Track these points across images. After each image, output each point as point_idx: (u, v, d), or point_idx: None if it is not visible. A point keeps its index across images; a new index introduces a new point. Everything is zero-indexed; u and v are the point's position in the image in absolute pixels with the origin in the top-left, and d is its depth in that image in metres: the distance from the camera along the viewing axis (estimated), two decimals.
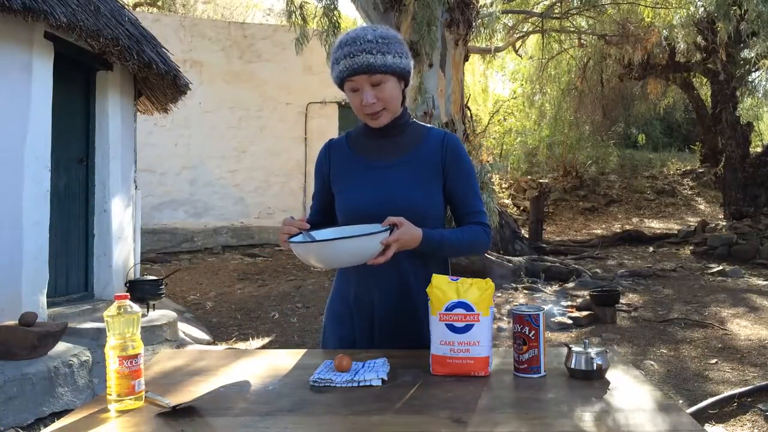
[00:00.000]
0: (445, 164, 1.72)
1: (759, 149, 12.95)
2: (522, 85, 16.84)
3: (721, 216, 12.40)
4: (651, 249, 10.78)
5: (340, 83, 1.69)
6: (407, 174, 1.71)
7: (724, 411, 3.68)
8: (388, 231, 1.56)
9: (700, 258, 9.67)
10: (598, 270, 8.64)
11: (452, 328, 1.47)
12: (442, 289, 1.50)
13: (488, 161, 12.64)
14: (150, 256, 9.06)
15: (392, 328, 1.71)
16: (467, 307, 1.47)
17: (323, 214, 1.86)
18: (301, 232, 1.60)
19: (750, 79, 13.56)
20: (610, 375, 1.45)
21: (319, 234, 1.62)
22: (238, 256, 9.89)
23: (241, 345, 5.43)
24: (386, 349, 1.65)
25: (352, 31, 1.67)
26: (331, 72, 1.70)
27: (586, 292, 6.60)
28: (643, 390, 1.37)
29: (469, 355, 1.46)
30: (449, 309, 1.48)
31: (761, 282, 7.73)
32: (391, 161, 1.74)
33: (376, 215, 1.65)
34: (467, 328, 1.47)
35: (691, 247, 10.40)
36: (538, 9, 12.90)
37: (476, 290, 1.48)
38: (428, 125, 1.83)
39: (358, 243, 1.51)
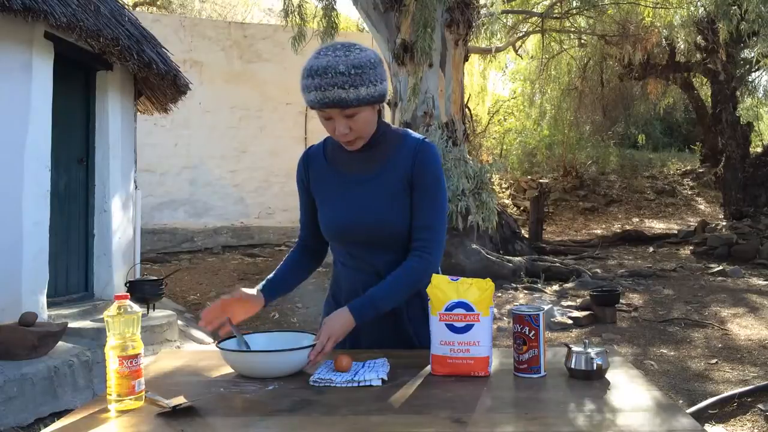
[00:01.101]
0: (413, 176, 1.67)
1: (759, 149, 12.95)
2: (522, 85, 16.84)
3: (721, 216, 12.40)
4: (651, 249, 10.78)
5: (310, 108, 1.63)
6: (380, 188, 1.67)
7: (724, 411, 3.68)
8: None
9: (700, 258, 9.67)
10: (598, 270, 8.64)
11: (452, 328, 1.47)
12: (442, 289, 1.50)
13: (488, 161, 12.65)
14: (150, 256, 9.06)
15: (377, 330, 1.70)
16: (467, 307, 1.47)
17: (313, 226, 1.81)
18: (234, 336, 1.58)
19: (750, 79, 13.56)
20: (610, 375, 1.45)
21: (251, 340, 1.61)
22: (238, 256, 9.89)
23: None
24: (385, 350, 1.65)
25: (322, 55, 1.55)
26: (302, 92, 1.59)
27: (586, 292, 6.60)
28: (643, 390, 1.37)
29: (469, 355, 1.46)
30: (449, 309, 1.48)
31: (761, 282, 7.73)
32: (365, 175, 1.69)
33: (351, 231, 1.69)
34: (467, 328, 1.47)
35: (691, 247, 10.40)
36: (538, 9, 12.91)
37: (476, 290, 1.48)
38: (404, 130, 1.75)
39: (289, 356, 1.46)
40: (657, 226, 13.16)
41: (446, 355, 1.47)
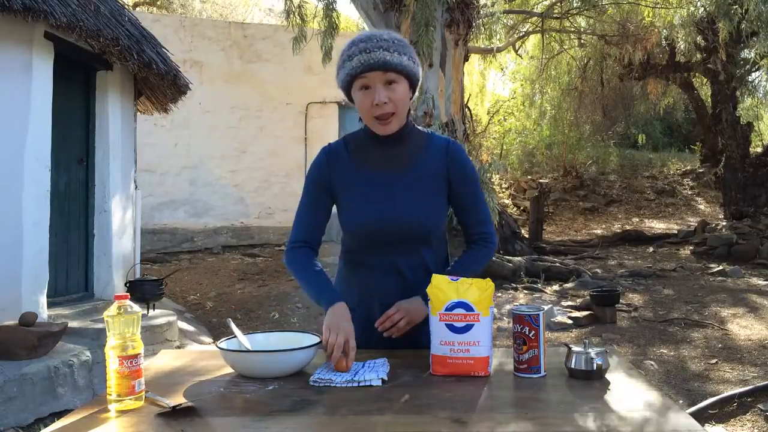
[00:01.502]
0: (450, 175, 1.70)
1: (759, 149, 12.94)
2: (522, 85, 16.84)
3: (721, 216, 12.40)
4: (651, 249, 10.78)
5: (350, 81, 1.61)
6: (411, 186, 1.68)
7: (724, 411, 3.68)
8: (321, 342, 1.53)
9: (700, 258, 9.67)
10: (598, 270, 8.64)
11: (452, 328, 1.48)
12: (442, 289, 1.50)
13: (488, 161, 12.64)
14: (150, 256, 9.06)
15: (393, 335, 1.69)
16: (467, 307, 1.47)
17: (317, 228, 1.78)
18: (233, 336, 1.58)
19: (750, 79, 13.55)
20: (610, 375, 1.45)
21: (251, 340, 1.60)
22: (238, 256, 9.89)
23: None
24: (386, 349, 1.65)
25: (363, 32, 1.65)
26: (339, 71, 1.62)
27: (586, 292, 6.60)
28: (643, 390, 1.37)
29: (469, 355, 1.46)
30: (449, 309, 1.48)
31: (761, 282, 7.73)
32: (394, 172, 1.69)
33: (380, 229, 1.67)
34: (467, 328, 1.47)
35: (691, 247, 10.41)
36: (538, 9, 12.90)
37: (476, 290, 1.49)
38: (429, 131, 1.79)
39: (289, 356, 1.47)
40: (657, 226, 13.16)
41: (446, 355, 1.47)
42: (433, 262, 1.74)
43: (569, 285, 7.56)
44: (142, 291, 4.85)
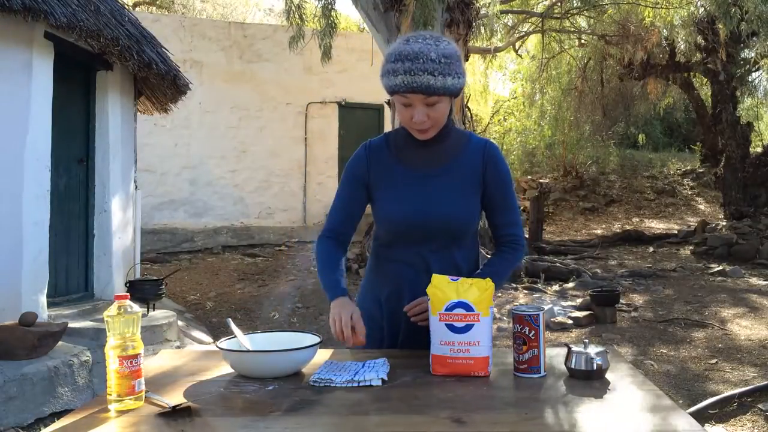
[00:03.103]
0: (486, 175, 1.72)
1: (759, 149, 12.93)
2: (522, 85, 16.84)
3: (721, 216, 12.40)
4: (651, 249, 10.78)
5: (391, 93, 1.63)
6: (449, 185, 1.70)
7: (724, 411, 3.68)
8: (320, 342, 1.53)
9: (700, 258, 9.67)
10: (598, 270, 8.64)
11: (452, 328, 1.48)
12: (442, 289, 1.50)
13: None
14: (150, 256, 9.06)
15: (419, 329, 1.69)
16: (467, 307, 1.47)
17: (349, 222, 1.80)
18: (233, 336, 1.59)
19: (750, 79, 13.54)
20: (610, 375, 1.45)
21: (251, 339, 1.61)
22: (238, 256, 9.89)
23: None
24: (388, 349, 1.65)
25: (412, 42, 1.59)
26: (384, 76, 1.62)
27: (586, 292, 6.60)
28: (643, 390, 1.37)
29: (469, 355, 1.46)
30: (449, 309, 1.48)
31: (761, 282, 7.73)
32: (432, 170, 1.72)
33: (416, 225, 1.69)
34: (467, 328, 1.47)
35: (691, 247, 10.40)
36: (538, 9, 12.90)
37: (476, 290, 1.49)
38: (467, 131, 1.82)
39: (289, 356, 1.47)
40: (657, 226, 13.16)
41: (446, 355, 1.47)
42: (464, 261, 1.76)
43: (569, 285, 7.56)
44: (142, 291, 4.84)
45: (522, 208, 14.21)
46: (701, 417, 3.53)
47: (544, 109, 15.45)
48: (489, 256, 1.83)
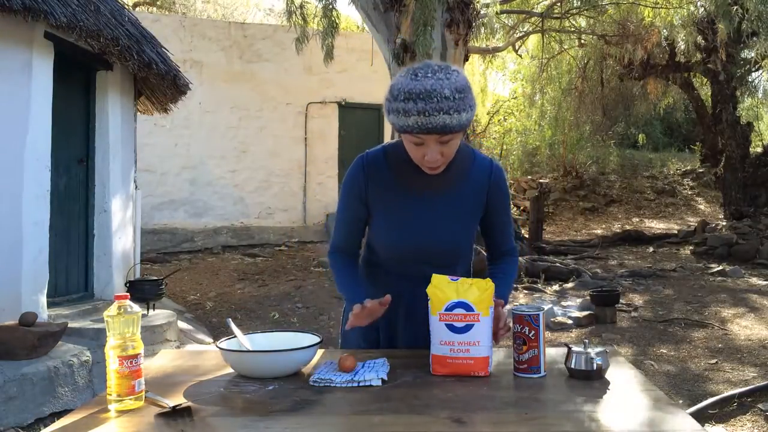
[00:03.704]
0: (489, 201, 1.71)
1: (759, 149, 12.94)
2: (522, 85, 16.84)
3: (721, 216, 12.40)
4: (651, 249, 10.78)
5: (402, 132, 1.54)
6: (450, 212, 1.67)
7: (724, 411, 3.68)
8: (320, 342, 1.53)
9: (700, 258, 9.67)
10: (598, 270, 8.64)
11: (452, 328, 1.48)
12: (442, 289, 1.50)
13: None
14: (150, 256, 9.06)
15: (416, 331, 1.69)
16: (467, 307, 1.47)
17: (355, 235, 1.76)
18: (233, 336, 1.58)
19: (750, 79, 13.55)
20: (610, 375, 1.45)
21: (251, 340, 1.61)
22: (238, 256, 9.89)
23: None
24: (388, 349, 1.65)
25: (421, 77, 1.46)
26: (392, 114, 1.50)
27: (586, 292, 6.60)
28: (643, 390, 1.37)
29: (469, 355, 1.46)
30: (449, 309, 1.48)
31: (761, 282, 7.73)
32: (436, 193, 1.66)
33: (415, 252, 1.68)
34: (467, 328, 1.47)
35: (691, 247, 10.41)
36: (538, 9, 12.90)
37: (476, 290, 1.49)
38: (470, 147, 1.75)
39: (289, 356, 1.47)
40: (657, 226, 13.16)
41: (446, 355, 1.47)
42: (462, 269, 1.77)
43: (569, 285, 7.56)
44: (142, 291, 4.84)
45: (522, 208, 14.22)
46: (701, 417, 3.53)
47: (544, 109, 15.46)
48: (490, 267, 1.83)
